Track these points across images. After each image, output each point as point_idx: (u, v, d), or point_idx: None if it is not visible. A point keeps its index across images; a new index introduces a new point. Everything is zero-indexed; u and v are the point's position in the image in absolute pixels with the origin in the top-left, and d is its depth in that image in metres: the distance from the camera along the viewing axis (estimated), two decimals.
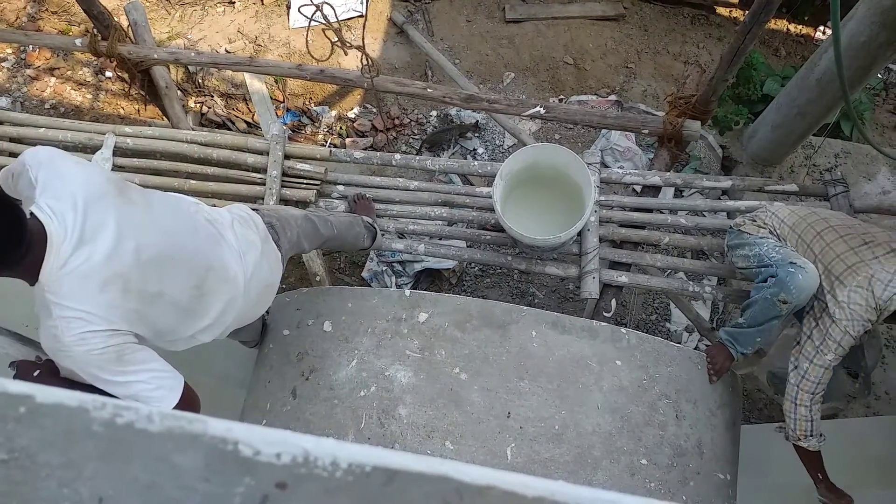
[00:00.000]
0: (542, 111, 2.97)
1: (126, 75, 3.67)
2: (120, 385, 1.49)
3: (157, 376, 1.54)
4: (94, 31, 3.45)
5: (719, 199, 3.69)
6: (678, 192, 3.99)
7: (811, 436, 2.10)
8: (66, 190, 1.43)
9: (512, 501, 0.37)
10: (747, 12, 2.54)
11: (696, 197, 3.71)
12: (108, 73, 4.77)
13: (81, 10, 3.40)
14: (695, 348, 3.59)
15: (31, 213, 1.39)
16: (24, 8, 5.08)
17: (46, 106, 4.68)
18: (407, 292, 2.35)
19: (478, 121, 4.45)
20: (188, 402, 1.62)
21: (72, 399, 0.40)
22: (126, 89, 4.67)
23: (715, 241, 2.81)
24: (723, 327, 2.37)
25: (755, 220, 2.35)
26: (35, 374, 1.59)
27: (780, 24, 5.09)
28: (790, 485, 2.70)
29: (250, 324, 2.45)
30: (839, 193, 2.77)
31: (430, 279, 3.98)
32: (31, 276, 1.38)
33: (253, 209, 2.05)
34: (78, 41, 3.50)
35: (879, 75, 4.72)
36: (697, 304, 3.57)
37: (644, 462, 1.99)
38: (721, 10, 5.09)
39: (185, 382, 1.60)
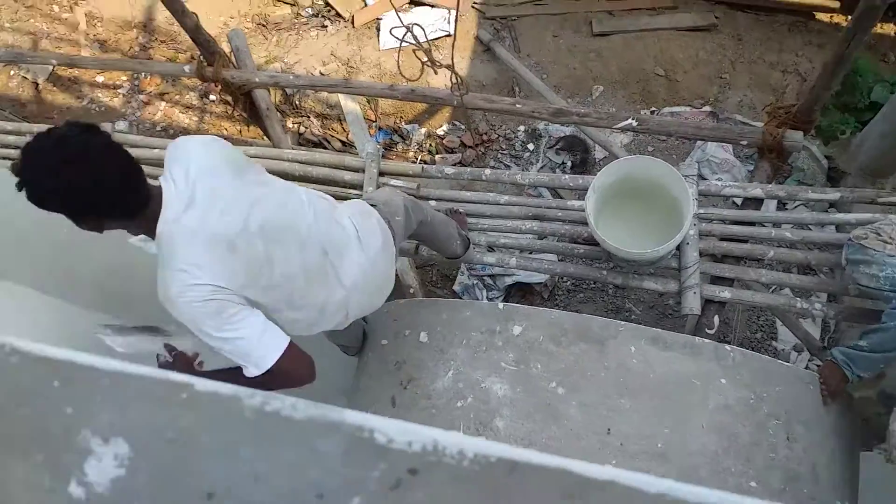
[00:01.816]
0: (635, 123, 2.92)
1: (230, 98, 3.89)
2: (220, 340, 1.57)
3: (258, 331, 1.61)
4: (201, 57, 3.68)
5: (826, 212, 3.49)
6: (780, 206, 3.81)
7: None
8: (182, 162, 1.60)
9: (632, 497, 0.37)
10: (850, 18, 2.41)
11: (801, 210, 3.53)
12: (212, 97, 5.06)
13: (186, 39, 3.65)
14: (805, 367, 3.39)
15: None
16: (136, 38, 5.49)
17: (158, 128, 5.02)
18: (500, 305, 2.35)
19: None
20: (294, 360, 1.67)
21: (226, 388, 0.43)
22: (229, 112, 4.95)
23: (823, 255, 2.66)
24: (838, 346, 2.22)
25: (880, 234, 2.18)
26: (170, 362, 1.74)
27: (888, 29, 4.79)
28: None
29: (351, 328, 2.52)
30: None
31: (520, 293, 3.96)
32: (150, 229, 1.53)
33: (371, 204, 2.13)
34: (186, 67, 3.73)
35: None
36: (806, 322, 3.37)
37: (753, 485, 1.89)
38: (821, 16, 4.85)
39: (291, 342, 1.66)
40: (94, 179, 1.41)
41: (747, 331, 3.61)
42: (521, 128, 4.62)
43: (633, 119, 2.97)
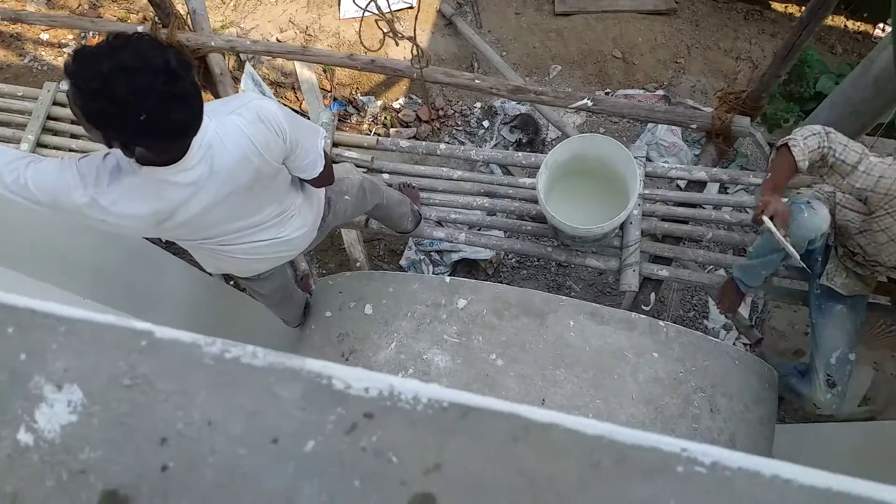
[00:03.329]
0: (590, 104, 2.98)
1: None
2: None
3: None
4: (155, 18, 3.57)
5: None
6: (723, 190, 3.95)
7: (804, 147, 1.92)
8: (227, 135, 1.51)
9: (573, 438, 0.41)
10: (804, 8, 2.51)
11: (742, 194, 3.67)
12: None
13: None
14: (733, 344, 3.56)
15: None
16: None
17: None
18: (447, 279, 2.39)
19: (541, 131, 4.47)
20: None
21: (186, 335, 0.45)
22: None
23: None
24: (735, 263, 2.41)
25: (817, 188, 2.30)
26: None
27: (838, 21, 4.98)
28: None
29: (293, 303, 2.54)
30: None
31: (466, 269, 4.02)
32: (166, 159, 1.42)
33: None
34: (139, 28, 3.61)
35: None
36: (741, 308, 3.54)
37: None
38: (776, 6, 5.00)
39: None
40: (181, 122, 1.34)
41: (681, 309, 3.76)
42: (478, 104, 4.64)
43: (588, 99, 3.03)
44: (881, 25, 4.85)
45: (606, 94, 4.61)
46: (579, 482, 0.40)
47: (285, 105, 4.68)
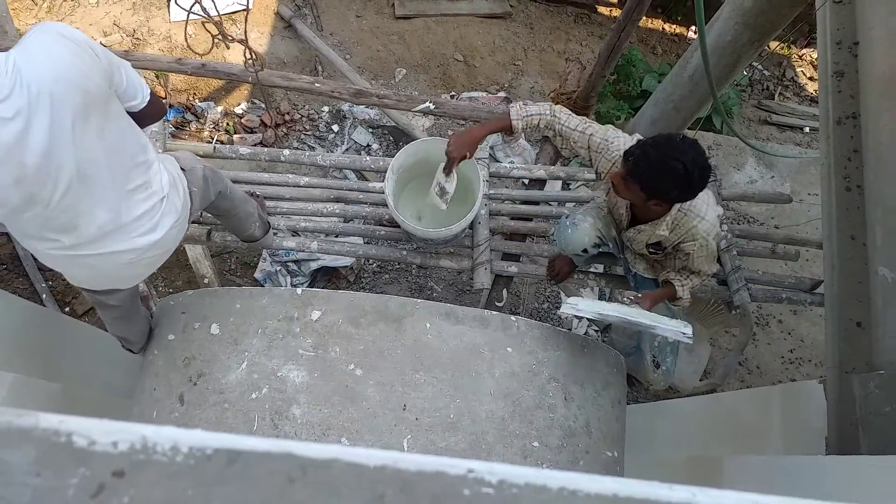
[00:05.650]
0: (432, 107, 3.00)
1: None
2: None
3: None
4: None
5: None
6: (565, 185, 4.14)
7: (519, 110, 2.28)
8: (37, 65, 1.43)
9: (355, 471, 0.38)
10: (621, 11, 2.67)
11: (581, 190, 3.86)
12: None
13: None
14: (584, 333, 3.74)
15: None
16: None
17: None
18: (299, 290, 2.30)
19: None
20: None
21: None
22: None
23: None
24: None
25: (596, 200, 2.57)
26: None
27: (656, 24, 5.39)
28: (672, 460, 2.88)
29: (140, 318, 2.35)
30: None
31: (326, 278, 3.93)
32: None
33: (182, 168, 2.03)
34: None
35: (745, 72, 5.10)
36: (585, 291, 3.72)
37: (536, 444, 2.05)
38: (602, 10, 5.33)
39: None
40: None
41: (535, 302, 3.90)
42: (326, 108, 4.54)
43: (430, 102, 3.05)
44: (693, 28, 5.32)
45: (451, 96, 4.68)
46: None
47: None
